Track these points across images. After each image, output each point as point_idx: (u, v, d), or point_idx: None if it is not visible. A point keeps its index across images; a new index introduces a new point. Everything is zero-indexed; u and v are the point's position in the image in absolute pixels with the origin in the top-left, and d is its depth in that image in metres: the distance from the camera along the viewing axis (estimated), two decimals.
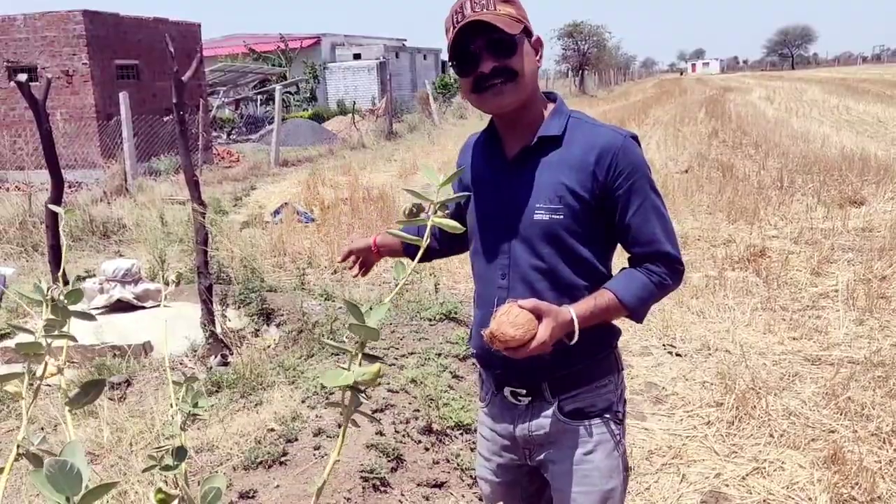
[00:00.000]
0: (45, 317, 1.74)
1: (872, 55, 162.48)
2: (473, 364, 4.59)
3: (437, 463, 3.40)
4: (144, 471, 2.00)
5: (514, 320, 1.69)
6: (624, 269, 1.83)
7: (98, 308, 5.81)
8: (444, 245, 2.15)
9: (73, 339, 1.86)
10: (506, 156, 1.84)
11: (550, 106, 1.84)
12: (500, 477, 1.99)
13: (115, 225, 9.84)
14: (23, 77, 6.12)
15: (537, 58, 1.78)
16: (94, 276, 7.00)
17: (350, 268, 2.29)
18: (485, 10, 1.69)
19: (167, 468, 2.03)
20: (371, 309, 1.60)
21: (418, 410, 3.73)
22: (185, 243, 8.55)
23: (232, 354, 5.21)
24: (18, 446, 1.69)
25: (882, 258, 6.60)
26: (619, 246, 1.86)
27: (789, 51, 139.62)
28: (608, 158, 1.71)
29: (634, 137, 1.78)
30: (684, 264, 1.81)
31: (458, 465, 3.42)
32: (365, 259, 2.28)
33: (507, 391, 1.89)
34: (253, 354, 4.83)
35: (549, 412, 1.84)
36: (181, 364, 5.23)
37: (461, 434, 3.68)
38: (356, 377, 1.59)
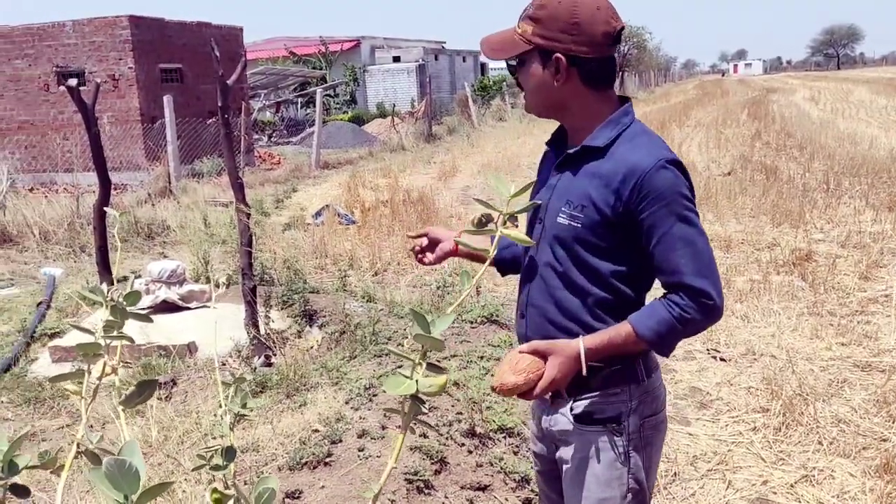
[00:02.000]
0: (104, 318, 1.78)
1: None
2: None
3: (481, 466, 3.40)
4: (194, 469, 2.03)
5: (515, 367, 1.74)
6: (655, 299, 1.80)
7: (144, 308, 5.91)
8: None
9: (130, 339, 1.90)
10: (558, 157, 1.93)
11: (608, 117, 1.83)
12: (538, 466, 2.11)
13: (159, 226, 10.01)
14: (73, 82, 6.26)
15: (557, 75, 1.78)
16: (140, 276, 7.13)
17: (414, 248, 2.18)
18: (517, 23, 1.85)
19: (216, 468, 2.06)
20: (436, 319, 1.61)
21: (461, 413, 3.73)
22: (227, 245, 8.66)
23: (275, 355, 5.27)
24: (78, 444, 1.73)
25: None
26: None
27: (835, 50, 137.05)
28: (633, 181, 1.70)
29: (673, 162, 1.73)
30: (715, 299, 1.70)
31: (501, 468, 3.41)
32: (436, 246, 2.14)
33: None
34: (296, 355, 4.88)
35: (565, 410, 1.89)
36: (225, 364, 5.29)
37: (504, 437, 3.68)
38: (422, 388, 1.59)
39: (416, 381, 1.60)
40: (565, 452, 1.91)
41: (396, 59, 38.02)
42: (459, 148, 19.30)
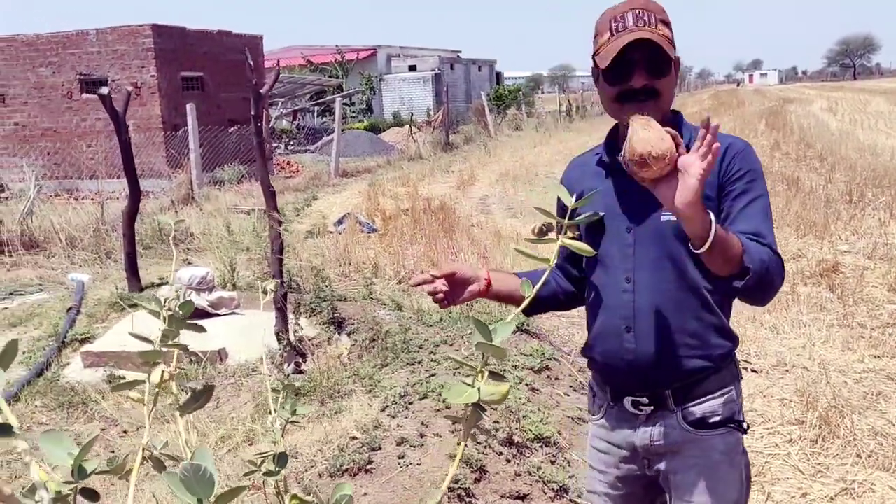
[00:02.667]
0: (162, 327, 1.81)
1: None
2: (548, 377, 4.59)
3: (519, 475, 3.41)
4: (246, 475, 2.05)
5: (654, 128, 1.59)
6: None
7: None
8: (568, 298, 2.09)
9: (185, 348, 1.93)
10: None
11: (674, 118, 1.88)
12: (618, 490, 1.99)
13: (182, 233, 10.06)
14: (105, 90, 6.34)
15: (676, 77, 1.85)
16: (168, 283, 7.18)
17: (435, 291, 1.93)
18: (646, 27, 1.75)
19: (269, 473, 2.08)
20: (497, 327, 1.62)
21: (498, 422, 3.74)
22: (251, 252, 8.71)
23: (305, 362, 5.30)
24: (144, 449, 1.76)
25: None
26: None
27: (851, 61, 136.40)
28: (731, 155, 1.77)
29: (752, 147, 1.85)
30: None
31: (539, 477, 3.42)
32: (460, 287, 1.93)
33: (627, 401, 1.89)
34: (328, 362, 4.91)
35: (672, 421, 1.85)
36: (255, 371, 5.32)
37: (541, 447, 3.68)
38: (484, 396, 1.61)
39: (479, 389, 1.62)
40: (675, 463, 1.86)
41: (412, 68, 38.16)
42: (477, 157, 19.35)
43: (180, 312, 1.80)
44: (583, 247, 1.83)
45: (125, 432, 4.60)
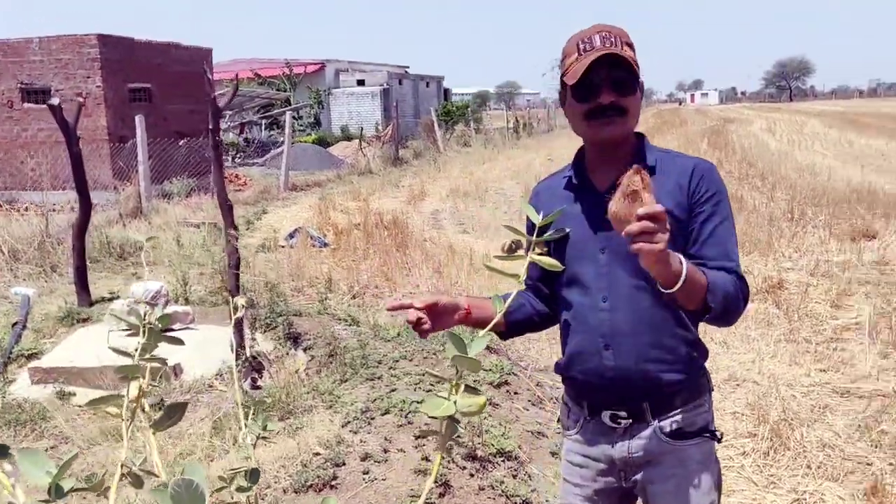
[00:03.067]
0: (142, 341, 1.80)
1: (868, 89, 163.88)
2: (507, 392, 4.63)
3: (483, 489, 3.44)
4: (215, 492, 2.04)
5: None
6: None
7: (127, 330, 5.85)
8: (542, 319, 2.13)
9: (163, 361, 1.92)
10: (597, 189, 1.90)
11: (638, 141, 1.96)
12: (595, 502, 2.03)
13: (131, 247, 9.89)
14: (55, 101, 6.22)
15: (641, 101, 1.94)
16: (120, 297, 7.05)
17: (419, 320, 1.88)
18: (613, 47, 1.81)
19: (241, 489, 2.08)
20: (472, 341, 1.65)
21: (461, 437, 3.77)
22: (203, 266, 8.61)
23: (262, 378, 5.26)
24: (122, 465, 1.74)
25: None
26: None
27: (787, 83, 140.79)
28: (699, 176, 1.85)
29: (716, 169, 1.94)
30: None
31: (503, 491, 3.45)
32: (441, 317, 1.92)
33: (605, 415, 1.94)
34: (286, 378, 4.87)
35: (649, 433, 1.90)
36: (212, 387, 5.26)
37: (503, 461, 3.72)
38: (462, 408, 1.64)
39: (455, 402, 1.65)
40: (653, 474, 1.92)
41: (361, 83, 38.14)
42: (426, 172, 19.41)
43: (159, 326, 1.80)
44: (552, 262, 1.85)
45: (79, 448, 4.49)
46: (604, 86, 1.82)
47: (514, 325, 2.09)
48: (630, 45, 1.86)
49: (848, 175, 14.92)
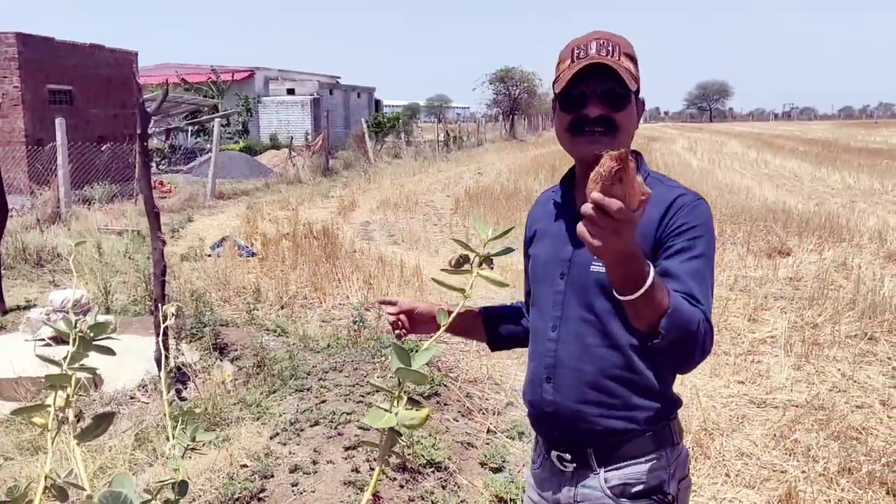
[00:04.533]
0: (71, 349, 1.76)
1: (783, 112, 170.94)
2: (437, 402, 4.65)
3: (413, 500, 3.44)
4: None
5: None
6: None
7: (44, 339, 5.66)
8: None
9: (93, 371, 1.88)
10: (577, 207, 1.71)
11: (637, 161, 1.76)
12: None
13: (49, 253, 9.57)
14: None
15: (639, 119, 1.78)
16: (37, 305, 6.81)
17: (397, 327, 1.96)
18: (609, 57, 1.68)
19: (168, 502, 2.05)
20: (416, 354, 1.67)
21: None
22: (125, 274, 8.39)
23: (186, 389, 5.15)
24: (47, 477, 1.70)
25: (812, 307, 6.95)
26: None
27: (707, 104, 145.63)
28: (675, 210, 1.65)
29: (704, 201, 1.72)
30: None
31: (432, 501, 3.46)
32: (419, 324, 1.98)
33: (553, 455, 1.80)
34: (212, 389, 4.79)
35: (595, 483, 1.72)
36: (133, 398, 5.13)
37: (433, 472, 3.73)
38: (404, 421, 1.65)
39: (397, 413, 1.66)
40: None
41: (291, 92, 37.84)
42: (357, 183, 19.35)
43: (91, 334, 1.76)
44: (496, 278, 1.86)
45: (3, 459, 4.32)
46: (592, 97, 1.68)
47: (501, 339, 2.07)
48: (630, 57, 1.72)
49: (764, 194, 15.50)
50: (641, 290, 1.40)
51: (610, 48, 1.69)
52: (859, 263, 8.70)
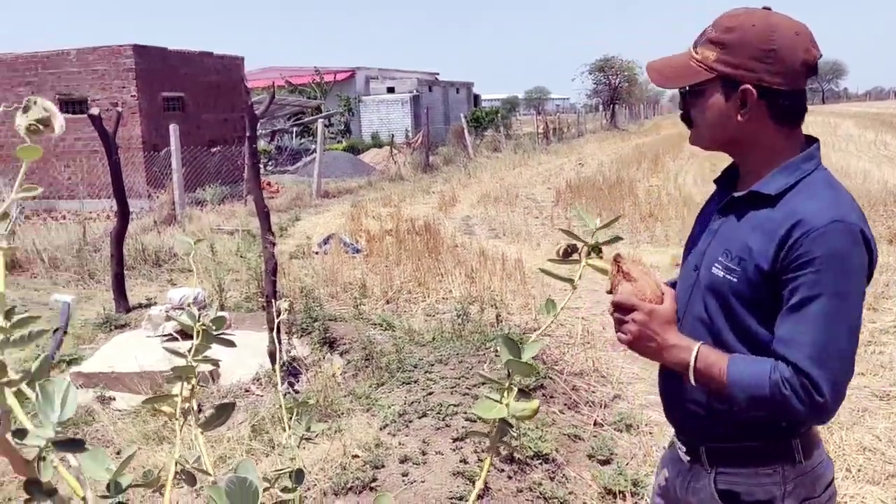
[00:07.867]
0: (195, 343, 1.85)
1: None
2: (543, 395, 4.64)
3: (521, 491, 3.45)
4: (264, 491, 2.08)
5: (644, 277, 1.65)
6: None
7: (165, 335, 5.95)
8: None
9: (216, 362, 1.97)
10: (731, 194, 1.70)
11: (788, 160, 1.60)
12: None
13: (166, 254, 10.05)
14: (95, 111, 6.35)
15: (742, 109, 1.57)
16: (157, 303, 7.16)
17: None
18: (694, 47, 1.63)
19: (286, 490, 2.12)
20: (525, 345, 1.68)
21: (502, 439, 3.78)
22: (237, 272, 8.72)
23: (298, 382, 5.31)
24: (177, 463, 1.79)
25: None
26: None
27: (819, 85, 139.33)
28: (797, 235, 1.46)
29: (852, 227, 1.46)
30: (826, 396, 1.43)
31: (540, 493, 3.46)
32: None
33: (677, 444, 1.80)
34: (323, 382, 4.92)
35: (705, 483, 1.68)
36: (248, 391, 5.33)
37: (540, 464, 3.73)
38: (514, 412, 1.66)
39: (507, 405, 1.67)
40: None
41: (391, 90, 38.36)
42: (457, 178, 19.46)
43: (213, 327, 1.85)
44: (608, 267, 1.84)
45: (118, 453, 4.58)
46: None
47: None
48: (715, 42, 1.57)
49: (884, 177, 14.72)
50: (689, 375, 1.54)
51: (701, 35, 1.63)
52: None
